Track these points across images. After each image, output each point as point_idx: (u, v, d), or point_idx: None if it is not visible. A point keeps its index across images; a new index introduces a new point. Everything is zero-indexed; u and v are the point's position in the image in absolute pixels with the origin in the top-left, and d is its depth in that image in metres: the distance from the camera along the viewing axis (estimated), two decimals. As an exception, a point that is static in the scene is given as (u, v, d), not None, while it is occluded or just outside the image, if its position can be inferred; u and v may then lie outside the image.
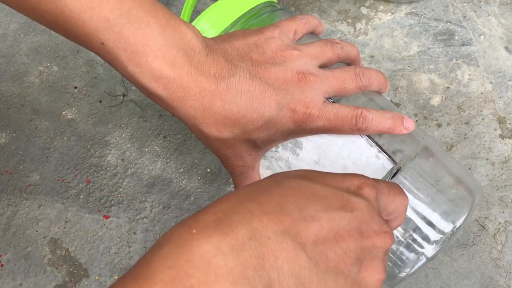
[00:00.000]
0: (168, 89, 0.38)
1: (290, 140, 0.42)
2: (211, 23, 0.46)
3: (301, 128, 0.40)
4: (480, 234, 0.53)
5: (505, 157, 0.56)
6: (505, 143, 0.56)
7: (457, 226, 0.42)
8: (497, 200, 0.54)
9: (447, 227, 0.41)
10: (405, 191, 0.36)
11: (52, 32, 0.62)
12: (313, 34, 0.47)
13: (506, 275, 0.51)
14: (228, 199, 0.30)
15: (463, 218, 0.42)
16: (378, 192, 0.33)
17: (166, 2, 0.63)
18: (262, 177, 0.44)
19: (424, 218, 0.41)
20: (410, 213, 0.41)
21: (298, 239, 0.29)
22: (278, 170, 0.43)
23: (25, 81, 0.60)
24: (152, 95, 0.39)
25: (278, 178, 0.32)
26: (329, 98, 0.42)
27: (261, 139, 0.41)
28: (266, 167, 0.43)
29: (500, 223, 0.53)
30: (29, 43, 0.62)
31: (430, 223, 0.41)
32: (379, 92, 0.45)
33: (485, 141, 0.57)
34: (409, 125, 0.42)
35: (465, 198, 0.42)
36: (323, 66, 0.43)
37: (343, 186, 0.32)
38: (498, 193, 0.54)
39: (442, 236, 0.41)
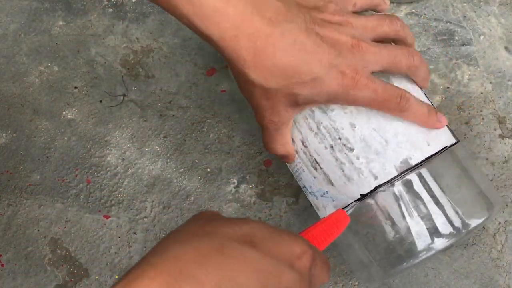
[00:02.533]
0: (220, 28, 0.37)
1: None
2: None
3: (346, 94, 0.39)
4: (480, 234, 0.53)
5: (505, 157, 0.56)
6: (505, 143, 0.56)
7: (472, 227, 0.42)
8: (497, 200, 0.54)
9: (462, 225, 0.41)
10: (430, 178, 0.39)
11: (53, 32, 0.62)
12: (375, 11, 0.47)
13: (506, 275, 0.52)
14: (166, 269, 0.29)
15: (480, 221, 0.42)
16: (314, 261, 0.33)
17: (166, 2, 0.63)
18: (292, 136, 0.43)
19: (442, 211, 0.41)
20: (429, 203, 0.41)
21: None
22: (309, 134, 0.42)
23: (26, 81, 0.60)
24: (204, 36, 0.37)
25: (221, 240, 0.31)
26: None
27: (303, 96, 0.39)
28: (298, 127, 0.43)
29: (500, 223, 0.53)
30: (30, 43, 0.62)
31: (447, 217, 0.41)
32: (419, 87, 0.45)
33: (485, 141, 0.57)
34: (443, 120, 0.42)
35: (485, 202, 0.43)
36: (377, 41, 0.42)
37: (284, 255, 0.32)
38: (498, 193, 0.54)
39: (454, 231, 0.41)
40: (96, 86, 0.60)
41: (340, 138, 0.42)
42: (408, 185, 0.41)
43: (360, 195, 0.42)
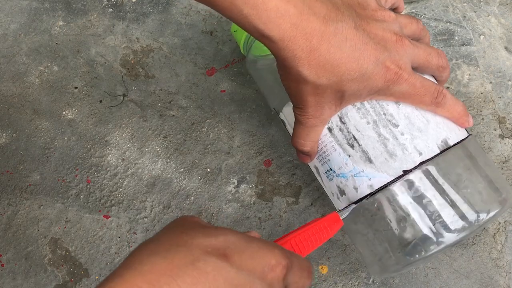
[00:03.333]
0: (281, 29, 0.38)
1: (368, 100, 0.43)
2: None
3: (387, 88, 0.41)
4: (480, 234, 0.53)
5: (505, 157, 0.56)
6: (505, 143, 0.56)
7: (483, 220, 0.42)
8: (497, 200, 0.54)
9: (474, 219, 0.41)
10: (439, 176, 0.40)
11: (53, 32, 0.62)
12: (394, 10, 0.48)
13: (506, 275, 0.52)
14: (136, 284, 0.29)
15: (492, 214, 0.42)
16: (289, 270, 0.34)
17: (166, 2, 0.63)
18: (323, 136, 0.44)
19: (453, 205, 0.41)
20: (437, 198, 0.41)
21: None
22: (350, 109, 0.43)
23: (26, 81, 0.60)
24: (264, 38, 0.39)
25: (195, 253, 0.31)
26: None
27: (350, 92, 0.41)
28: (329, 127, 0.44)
29: (499, 223, 0.53)
30: (30, 43, 0.62)
31: (458, 211, 0.41)
32: None
33: (485, 141, 0.57)
34: (471, 121, 0.44)
35: (498, 197, 0.43)
36: None
37: (257, 267, 0.32)
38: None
39: (466, 225, 0.41)
40: (96, 86, 0.60)
41: (384, 114, 0.43)
42: (427, 174, 0.42)
43: (403, 171, 0.42)
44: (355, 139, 0.43)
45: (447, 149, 0.42)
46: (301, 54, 0.39)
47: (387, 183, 0.42)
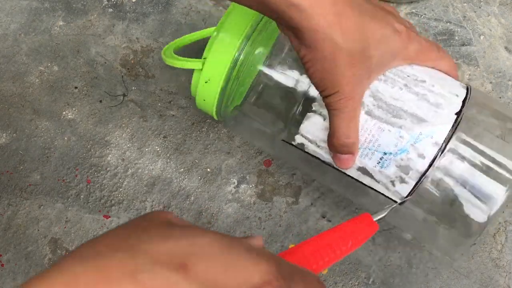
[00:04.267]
0: None
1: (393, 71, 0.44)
2: (230, 33, 0.47)
3: (404, 49, 0.43)
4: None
5: (505, 157, 0.56)
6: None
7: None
8: (497, 200, 0.54)
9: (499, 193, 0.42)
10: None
11: (53, 32, 0.62)
12: None
13: (506, 275, 0.52)
14: (66, 286, 0.23)
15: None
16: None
17: (166, 2, 0.63)
18: (364, 123, 0.43)
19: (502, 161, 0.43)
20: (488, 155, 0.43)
21: None
22: (377, 85, 0.43)
23: (26, 81, 0.60)
24: (291, 7, 0.37)
25: (140, 262, 0.24)
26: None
27: (377, 58, 0.41)
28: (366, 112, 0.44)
29: (500, 223, 0.53)
30: (30, 43, 0.62)
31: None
32: None
33: (485, 141, 0.57)
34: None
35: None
36: None
37: (230, 285, 0.24)
38: None
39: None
40: (96, 86, 0.60)
41: (409, 76, 0.43)
42: (461, 140, 0.43)
43: (455, 114, 0.42)
44: (399, 108, 0.43)
45: (469, 88, 0.45)
46: (333, 18, 0.37)
47: (449, 132, 0.42)
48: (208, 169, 0.56)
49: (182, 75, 0.60)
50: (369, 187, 0.44)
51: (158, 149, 0.57)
